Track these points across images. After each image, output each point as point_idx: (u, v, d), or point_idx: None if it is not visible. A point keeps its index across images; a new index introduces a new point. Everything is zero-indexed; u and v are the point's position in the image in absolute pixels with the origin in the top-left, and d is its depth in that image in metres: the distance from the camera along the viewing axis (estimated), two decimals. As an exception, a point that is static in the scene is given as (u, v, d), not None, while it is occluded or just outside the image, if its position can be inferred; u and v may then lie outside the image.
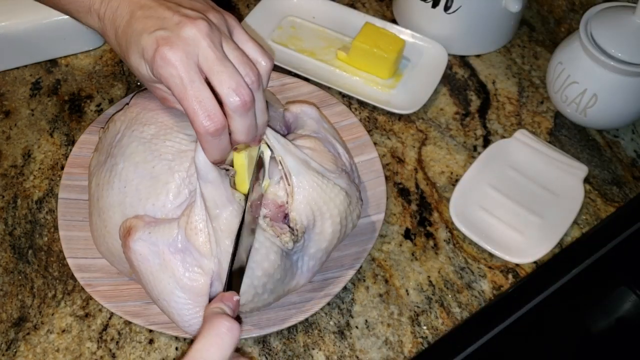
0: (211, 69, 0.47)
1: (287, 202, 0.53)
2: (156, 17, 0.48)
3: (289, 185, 0.53)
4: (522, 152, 0.70)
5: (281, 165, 0.54)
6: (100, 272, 0.60)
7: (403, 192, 0.69)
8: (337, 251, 0.61)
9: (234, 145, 0.51)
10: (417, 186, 0.69)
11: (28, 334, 0.59)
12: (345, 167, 0.59)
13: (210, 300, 0.52)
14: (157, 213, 0.54)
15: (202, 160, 0.50)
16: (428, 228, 0.66)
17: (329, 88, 0.75)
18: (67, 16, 0.57)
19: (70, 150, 0.71)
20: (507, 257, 0.63)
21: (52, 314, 0.60)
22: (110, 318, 0.60)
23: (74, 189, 0.65)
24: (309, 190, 0.54)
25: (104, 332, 0.59)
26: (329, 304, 0.60)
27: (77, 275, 0.60)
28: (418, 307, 0.61)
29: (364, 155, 0.68)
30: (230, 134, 0.50)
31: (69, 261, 0.60)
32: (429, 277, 0.63)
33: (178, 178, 0.54)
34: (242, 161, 0.52)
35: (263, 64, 0.50)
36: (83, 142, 0.68)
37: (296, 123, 0.62)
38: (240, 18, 0.84)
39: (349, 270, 0.60)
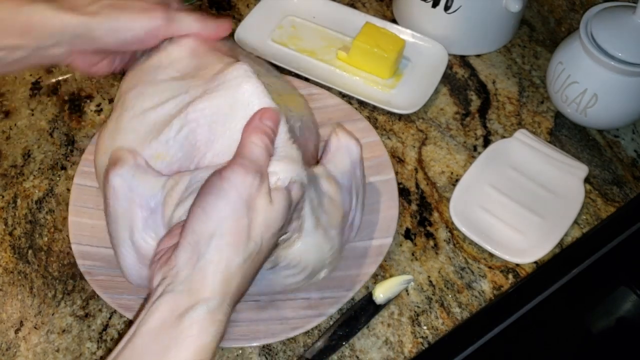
0: None
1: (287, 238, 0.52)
2: None
3: (298, 233, 0.52)
4: (522, 152, 0.70)
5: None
6: (102, 261, 0.60)
7: (403, 192, 0.69)
8: (339, 271, 0.60)
9: None
10: (417, 186, 0.69)
11: (28, 333, 0.59)
12: (348, 221, 0.58)
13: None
14: (159, 147, 0.52)
15: None
16: (428, 228, 0.66)
17: (330, 88, 0.75)
18: None
19: (70, 150, 0.71)
20: (507, 257, 0.63)
21: (52, 314, 0.60)
22: (110, 318, 0.60)
23: (89, 175, 0.65)
24: (310, 249, 0.53)
25: (104, 332, 0.59)
26: (329, 304, 0.61)
27: (78, 262, 0.60)
28: (418, 307, 0.61)
29: (380, 175, 0.67)
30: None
31: (73, 247, 0.61)
32: (429, 277, 0.63)
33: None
34: None
35: None
36: None
37: (333, 154, 0.57)
38: (240, 18, 0.84)
39: (347, 292, 0.59)
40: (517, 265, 0.64)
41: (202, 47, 0.56)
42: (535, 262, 0.64)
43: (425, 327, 0.60)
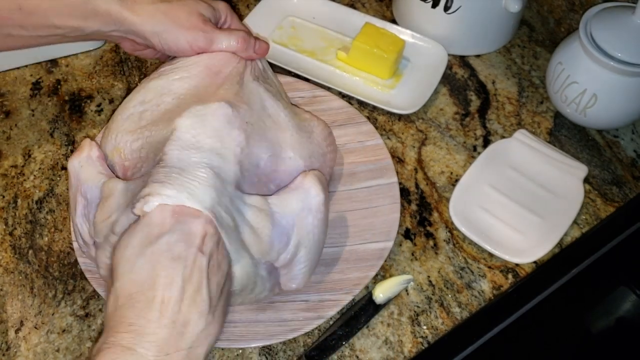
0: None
1: None
2: None
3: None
4: (522, 152, 0.70)
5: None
6: None
7: (403, 192, 0.69)
8: (339, 273, 0.61)
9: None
10: (417, 186, 0.69)
11: (28, 333, 0.59)
12: (281, 262, 0.54)
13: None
14: (121, 142, 0.56)
15: None
16: (428, 228, 0.66)
17: (330, 88, 0.75)
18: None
19: (71, 150, 0.71)
20: (506, 257, 0.63)
21: (53, 314, 0.60)
22: (110, 318, 0.60)
23: None
24: (234, 282, 0.51)
25: (104, 332, 0.59)
26: (329, 303, 0.61)
27: (80, 259, 0.61)
28: (418, 306, 0.61)
29: (383, 179, 0.67)
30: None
31: (75, 245, 0.62)
32: (428, 277, 0.63)
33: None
34: None
35: None
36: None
37: (288, 190, 0.54)
38: (240, 18, 0.84)
39: (346, 295, 0.60)
40: (517, 265, 0.64)
41: (223, 63, 0.60)
42: (535, 262, 0.64)
43: (425, 327, 0.60)
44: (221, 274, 0.47)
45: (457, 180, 0.69)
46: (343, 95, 0.76)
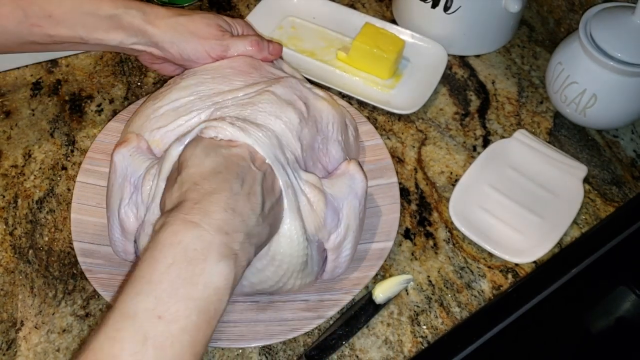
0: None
1: None
2: None
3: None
4: (521, 152, 0.70)
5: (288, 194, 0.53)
6: (103, 259, 0.61)
7: (403, 192, 0.69)
8: None
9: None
10: (416, 186, 0.69)
11: (29, 333, 0.59)
12: (331, 242, 0.57)
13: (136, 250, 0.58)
14: (158, 135, 0.58)
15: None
16: (428, 228, 0.66)
17: (329, 88, 0.75)
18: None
19: (71, 150, 0.71)
20: (506, 257, 0.63)
21: (53, 314, 0.60)
22: (110, 318, 0.60)
23: (93, 173, 0.66)
24: (284, 239, 0.53)
25: (105, 331, 0.59)
26: (328, 303, 0.61)
27: (80, 259, 0.61)
28: (418, 306, 0.61)
29: (383, 179, 0.67)
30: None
31: (75, 244, 0.61)
32: (428, 276, 0.63)
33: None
34: None
35: None
36: (109, 130, 0.69)
37: (336, 176, 0.58)
38: (240, 18, 0.84)
39: (346, 295, 0.60)
40: (517, 265, 0.64)
41: (246, 64, 0.63)
42: (535, 262, 0.64)
43: (424, 327, 0.60)
44: (272, 193, 0.52)
45: (457, 180, 0.69)
46: (343, 95, 0.76)
